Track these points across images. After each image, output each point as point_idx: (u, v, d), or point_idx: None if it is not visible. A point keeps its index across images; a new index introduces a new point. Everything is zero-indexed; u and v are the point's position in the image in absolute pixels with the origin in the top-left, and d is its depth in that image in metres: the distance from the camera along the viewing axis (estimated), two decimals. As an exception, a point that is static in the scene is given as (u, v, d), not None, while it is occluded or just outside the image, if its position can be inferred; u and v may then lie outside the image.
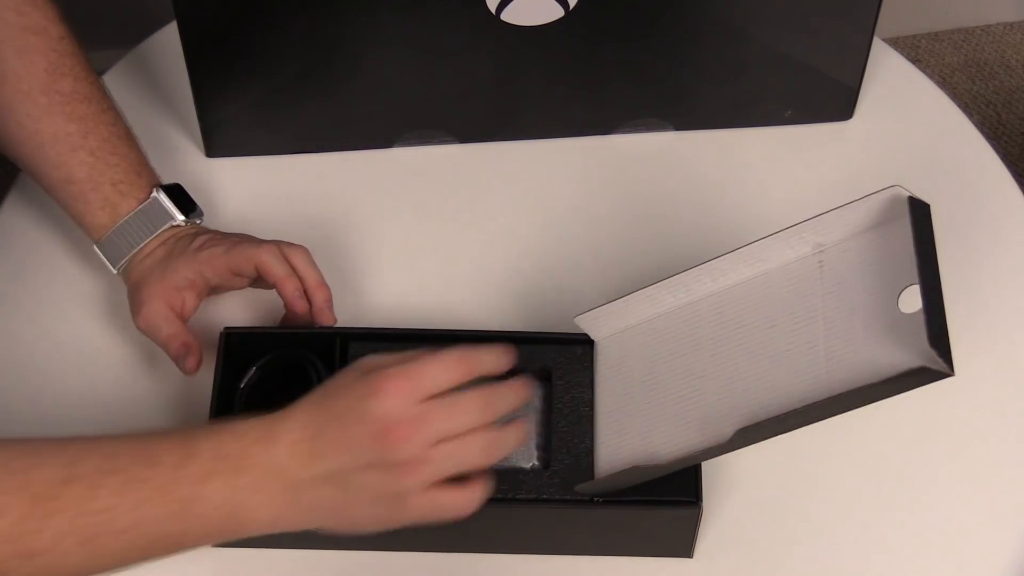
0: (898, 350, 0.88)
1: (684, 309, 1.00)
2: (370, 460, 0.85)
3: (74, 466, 0.83)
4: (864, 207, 0.93)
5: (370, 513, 0.88)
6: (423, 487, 0.86)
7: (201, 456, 0.85)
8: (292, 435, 0.86)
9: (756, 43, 1.19)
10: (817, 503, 1.07)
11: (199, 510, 0.85)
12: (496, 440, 0.88)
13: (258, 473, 0.85)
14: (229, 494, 0.85)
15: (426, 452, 0.85)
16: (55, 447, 0.84)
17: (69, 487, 0.82)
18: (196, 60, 1.15)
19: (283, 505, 0.86)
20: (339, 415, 0.86)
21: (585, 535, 1.03)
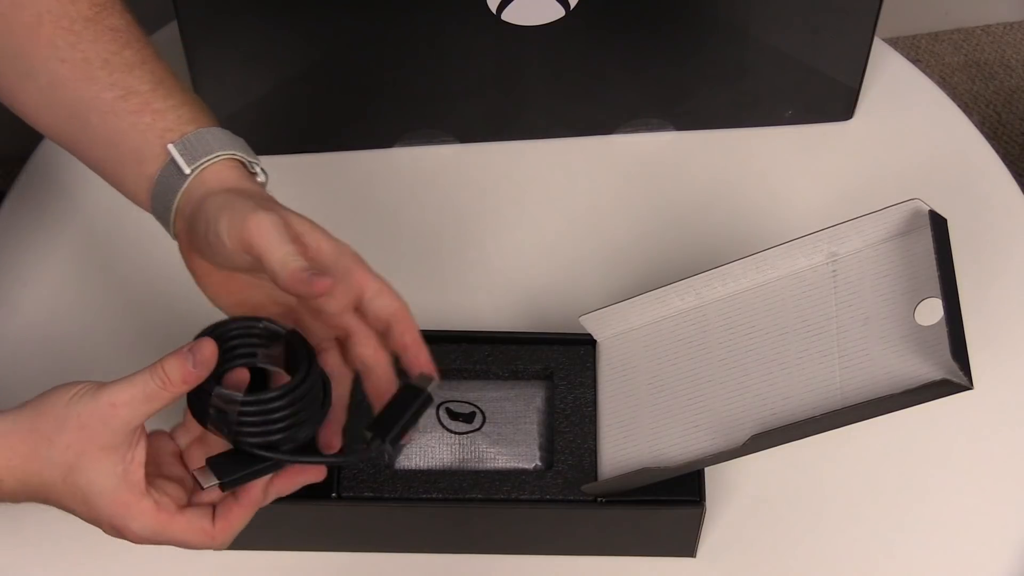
0: (918, 362, 0.89)
1: (692, 312, 1.00)
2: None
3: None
4: (882, 218, 0.94)
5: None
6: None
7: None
8: (7, 454, 0.85)
9: (756, 43, 1.19)
10: (819, 503, 1.07)
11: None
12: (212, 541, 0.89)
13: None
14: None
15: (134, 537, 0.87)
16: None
17: None
18: (196, 60, 1.15)
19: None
20: (44, 467, 0.85)
21: (588, 535, 1.03)
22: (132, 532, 0.85)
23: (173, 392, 0.84)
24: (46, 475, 0.84)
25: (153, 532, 0.86)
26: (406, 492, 0.99)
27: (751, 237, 1.17)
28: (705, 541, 1.04)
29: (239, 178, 0.92)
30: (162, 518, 0.85)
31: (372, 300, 0.90)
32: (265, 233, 0.86)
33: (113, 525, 0.85)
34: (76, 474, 0.84)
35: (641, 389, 1.01)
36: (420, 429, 1.03)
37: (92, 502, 0.85)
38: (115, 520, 0.85)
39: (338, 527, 1.03)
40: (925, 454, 1.09)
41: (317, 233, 0.90)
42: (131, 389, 0.83)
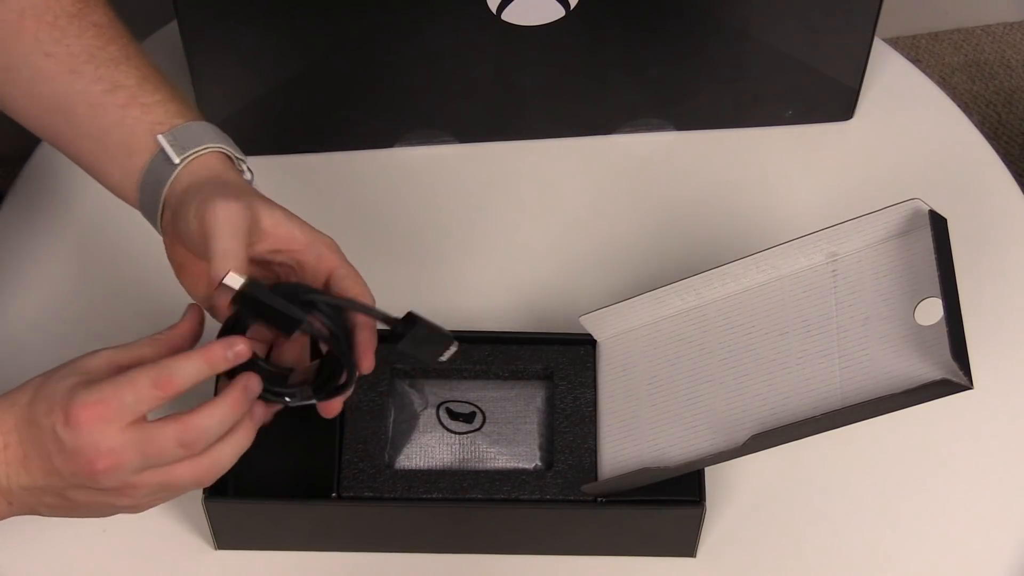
0: (918, 361, 0.89)
1: (692, 312, 1.00)
2: (78, 484, 0.84)
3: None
4: (881, 219, 0.94)
5: (97, 512, 0.87)
6: (141, 500, 0.85)
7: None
8: (4, 448, 0.85)
9: (757, 43, 1.19)
10: (819, 503, 1.07)
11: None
12: (206, 469, 0.84)
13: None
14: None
15: (132, 479, 0.83)
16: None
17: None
18: (196, 60, 1.15)
19: (1, 508, 0.86)
20: (42, 441, 0.84)
21: (588, 535, 1.03)
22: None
23: (167, 399, 0.83)
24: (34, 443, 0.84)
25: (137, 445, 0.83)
26: (406, 492, 0.99)
27: (751, 237, 1.17)
28: (705, 541, 1.04)
29: (225, 170, 0.93)
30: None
31: (338, 281, 0.91)
32: (220, 221, 0.87)
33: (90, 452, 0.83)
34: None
35: (641, 389, 1.01)
36: (420, 429, 1.04)
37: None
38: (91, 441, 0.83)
39: (338, 527, 1.03)
40: (925, 454, 1.09)
41: (293, 223, 0.91)
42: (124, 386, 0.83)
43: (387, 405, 1.03)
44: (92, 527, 1.05)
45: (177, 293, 1.16)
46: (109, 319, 1.15)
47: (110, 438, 0.82)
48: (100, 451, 0.82)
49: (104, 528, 1.05)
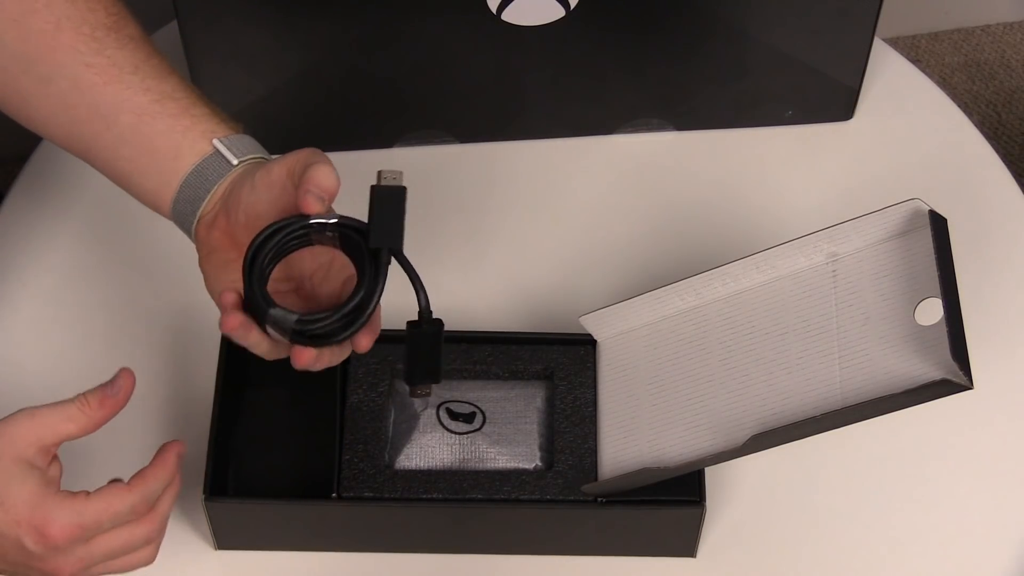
0: (918, 361, 0.89)
1: (692, 313, 1.00)
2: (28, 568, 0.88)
3: None
4: (881, 219, 0.94)
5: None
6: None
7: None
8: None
9: (756, 43, 1.19)
10: (820, 503, 1.07)
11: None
12: (137, 558, 0.91)
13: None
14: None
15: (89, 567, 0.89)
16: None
17: None
18: (196, 60, 1.15)
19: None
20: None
21: (588, 535, 1.03)
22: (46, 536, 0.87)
23: (92, 421, 0.88)
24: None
25: (75, 516, 0.87)
26: (406, 492, 0.99)
27: (751, 237, 1.17)
28: (705, 541, 1.04)
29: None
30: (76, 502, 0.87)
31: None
32: (303, 153, 0.91)
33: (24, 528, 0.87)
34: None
35: (641, 389, 1.01)
36: (420, 429, 1.04)
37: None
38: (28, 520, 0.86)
39: (338, 527, 1.03)
40: (925, 454, 1.09)
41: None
42: (54, 412, 0.88)
43: (387, 405, 1.03)
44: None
45: (176, 291, 1.16)
46: (109, 319, 1.15)
47: (82, 550, 0.87)
48: (70, 561, 0.87)
49: (104, 528, 1.05)
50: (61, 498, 0.86)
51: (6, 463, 0.86)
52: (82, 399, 0.88)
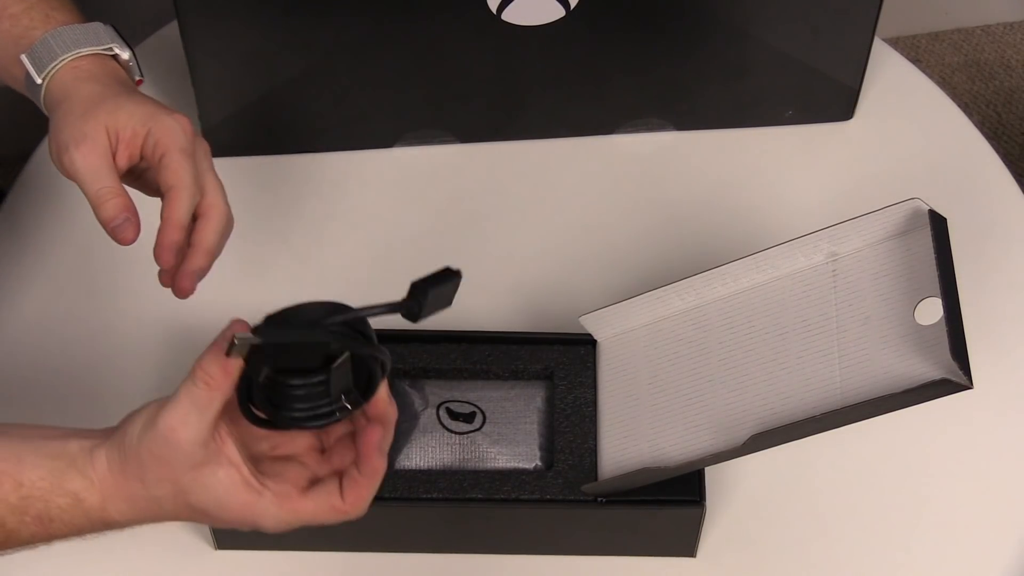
0: (917, 361, 0.89)
1: (692, 312, 1.00)
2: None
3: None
4: (881, 218, 0.94)
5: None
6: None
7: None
8: (113, 500, 0.83)
9: (757, 43, 1.19)
10: (819, 503, 1.07)
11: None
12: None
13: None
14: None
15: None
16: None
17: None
18: (196, 60, 1.15)
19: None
20: (151, 504, 0.82)
21: (588, 535, 1.03)
22: (268, 528, 0.82)
23: (221, 390, 0.79)
24: (156, 509, 0.82)
25: (286, 522, 0.82)
26: (406, 492, 0.99)
27: (751, 237, 1.17)
28: (705, 541, 1.04)
29: (74, 81, 0.96)
30: (288, 506, 0.82)
31: (160, 171, 0.93)
32: (80, 169, 0.92)
33: (248, 525, 0.82)
34: (186, 497, 0.81)
35: (641, 389, 1.01)
36: (421, 429, 1.04)
37: (216, 515, 0.82)
38: (246, 521, 0.82)
39: (338, 527, 1.03)
40: (925, 454, 1.09)
41: (135, 118, 0.94)
42: (180, 407, 0.79)
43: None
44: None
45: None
46: (110, 318, 1.15)
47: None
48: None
49: (104, 528, 1.05)
50: (270, 502, 0.81)
51: (183, 479, 0.81)
52: (204, 376, 0.79)
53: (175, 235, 0.92)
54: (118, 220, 0.92)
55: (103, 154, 0.93)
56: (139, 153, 0.95)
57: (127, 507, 0.82)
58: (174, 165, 0.93)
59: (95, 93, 0.95)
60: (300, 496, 0.82)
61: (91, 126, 0.93)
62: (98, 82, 0.96)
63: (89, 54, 0.97)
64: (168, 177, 0.93)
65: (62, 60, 0.96)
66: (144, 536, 1.05)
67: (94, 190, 0.92)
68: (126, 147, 0.94)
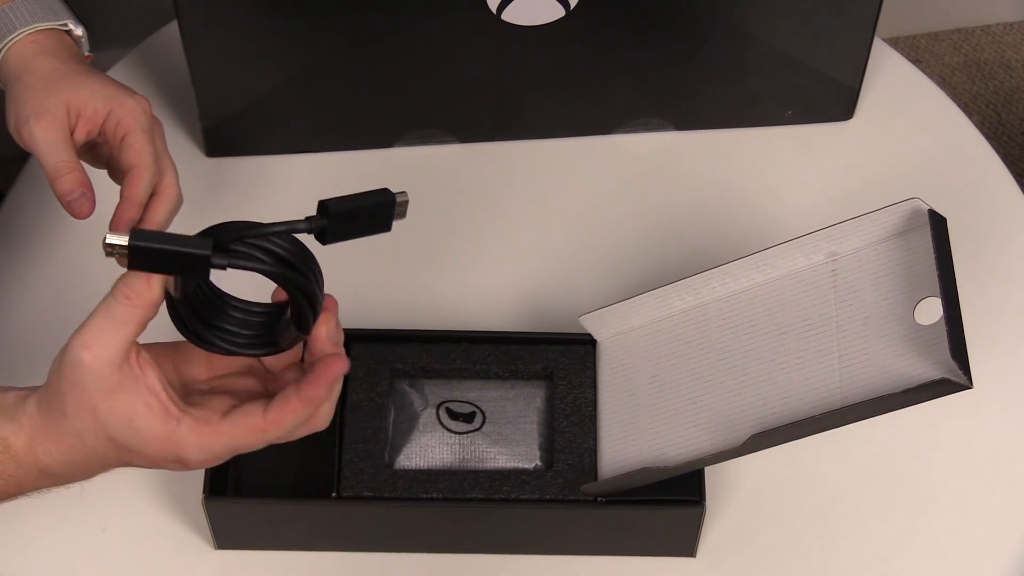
0: (917, 361, 0.89)
1: (692, 312, 1.00)
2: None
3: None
4: (881, 218, 0.94)
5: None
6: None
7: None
8: (40, 442, 0.80)
9: (756, 43, 1.19)
10: (820, 503, 1.07)
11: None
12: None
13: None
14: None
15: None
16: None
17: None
18: (196, 60, 1.15)
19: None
20: (77, 441, 0.79)
21: (588, 535, 1.03)
22: (191, 461, 0.79)
23: (142, 306, 0.77)
24: (81, 447, 0.79)
25: (207, 450, 0.79)
26: (406, 492, 1.00)
27: (751, 237, 1.17)
28: (705, 541, 1.04)
29: (33, 56, 0.99)
30: (207, 431, 0.78)
31: (123, 150, 0.96)
32: (39, 141, 0.95)
33: (171, 460, 0.79)
34: (106, 431, 0.78)
35: (641, 389, 1.01)
36: (420, 429, 1.04)
37: (138, 449, 0.78)
38: (168, 455, 0.79)
39: (338, 527, 1.03)
40: (925, 453, 1.09)
41: (97, 97, 0.97)
42: (94, 323, 0.77)
43: (387, 405, 1.03)
44: (92, 527, 1.05)
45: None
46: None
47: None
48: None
49: (104, 528, 1.05)
50: (189, 428, 0.78)
51: (100, 406, 0.77)
52: (125, 290, 0.77)
53: (133, 212, 0.96)
54: (74, 194, 0.95)
55: (62, 129, 0.96)
56: (98, 130, 0.98)
57: (54, 446, 0.79)
58: (137, 146, 0.97)
59: (55, 68, 0.98)
60: (220, 420, 0.79)
61: (52, 101, 0.96)
62: (58, 57, 1.00)
63: (47, 28, 1.01)
64: (131, 157, 0.97)
65: (20, 33, 1.00)
66: (144, 536, 1.05)
67: (51, 163, 0.95)
68: (86, 123, 0.97)
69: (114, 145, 0.98)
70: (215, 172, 1.23)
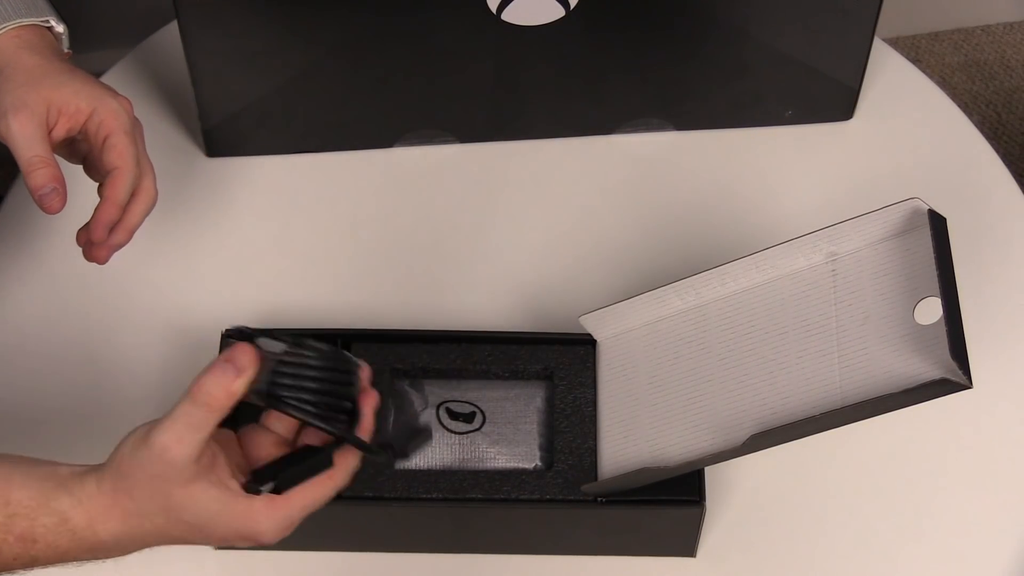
0: (917, 361, 0.89)
1: (692, 312, 1.00)
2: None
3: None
4: (881, 218, 0.94)
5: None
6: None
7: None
8: (101, 518, 0.82)
9: (757, 43, 1.19)
10: (819, 503, 1.07)
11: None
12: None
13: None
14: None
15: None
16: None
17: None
18: (197, 60, 1.15)
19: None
20: (142, 521, 0.82)
21: (588, 535, 1.03)
22: (266, 536, 0.82)
23: (221, 411, 0.79)
24: (148, 526, 0.82)
25: (281, 524, 0.82)
26: (406, 492, 0.99)
27: (751, 237, 1.17)
28: (705, 541, 1.04)
29: (15, 51, 1.00)
30: (281, 502, 0.82)
31: (105, 151, 0.98)
32: (15, 135, 0.96)
33: (244, 538, 0.82)
34: (179, 514, 0.81)
35: (641, 389, 1.01)
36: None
37: (211, 530, 0.82)
38: (243, 534, 0.82)
39: (338, 527, 1.03)
40: (925, 453, 1.09)
41: (80, 96, 0.98)
42: (175, 427, 0.79)
43: (387, 405, 1.03)
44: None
45: (176, 290, 1.16)
46: (108, 318, 1.15)
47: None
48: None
49: (104, 528, 1.05)
50: (261, 508, 0.81)
51: (175, 494, 0.80)
52: (205, 399, 0.79)
53: (114, 213, 0.98)
54: (46, 189, 0.96)
55: (39, 124, 0.97)
56: (79, 128, 0.99)
57: (116, 524, 0.81)
58: (120, 147, 0.98)
59: (38, 65, 0.99)
60: (288, 494, 0.82)
61: (32, 97, 0.97)
62: (40, 55, 1.00)
63: (29, 24, 1.01)
64: (113, 158, 0.98)
65: (2, 28, 1.00)
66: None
67: (26, 157, 0.96)
68: (67, 120, 0.98)
69: (95, 145, 0.99)
70: (215, 172, 1.23)
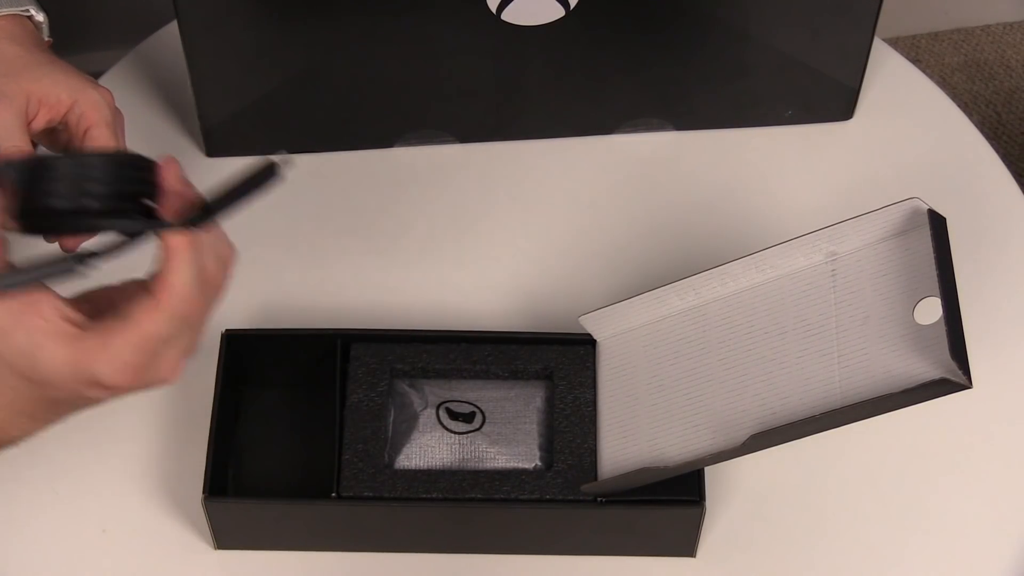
0: (917, 361, 0.89)
1: (691, 312, 1.00)
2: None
3: None
4: (881, 218, 0.94)
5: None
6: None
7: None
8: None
9: (756, 43, 1.19)
10: (819, 503, 1.07)
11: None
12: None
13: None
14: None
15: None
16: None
17: None
18: (197, 60, 1.15)
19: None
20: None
21: (587, 535, 1.03)
22: (106, 377, 0.78)
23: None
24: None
25: (117, 359, 0.78)
26: (406, 492, 1.00)
27: (751, 237, 1.17)
28: (705, 541, 1.04)
29: (4, 38, 1.00)
30: (109, 337, 0.78)
31: (89, 141, 0.98)
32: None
33: (87, 384, 0.77)
34: (14, 368, 0.77)
35: (641, 389, 1.01)
36: (420, 429, 1.04)
37: (47, 378, 0.78)
38: (81, 378, 0.77)
39: (338, 527, 1.03)
40: (924, 453, 1.09)
41: (61, 87, 0.98)
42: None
43: (387, 405, 1.03)
44: (92, 527, 1.05)
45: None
46: (109, 319, 1.15)
47: (154, 370, 0.79)
48: (159, 374, 0.80)
49: (104, 528, 1.05)
50: (91, 347, 0.77)
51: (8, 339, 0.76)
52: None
53: None
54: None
55: (18, 114, 0.97)
56: (59, 119, 0.99)
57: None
58: (101, 139, 0.99)
59: (18, 56, 1.00)
60: (114, 320, 0.78)
61: (12, 88, 0.98)
62: (20, 44, 1.01)
63: (8, 14, 1.02)
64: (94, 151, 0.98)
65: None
66: (144, 536, 1.05)
67: (3, 147, 0.96)
68: (47, 111, 0.99)
69: (76, 136, 0.99)
70: (215, 172, 1.23)
